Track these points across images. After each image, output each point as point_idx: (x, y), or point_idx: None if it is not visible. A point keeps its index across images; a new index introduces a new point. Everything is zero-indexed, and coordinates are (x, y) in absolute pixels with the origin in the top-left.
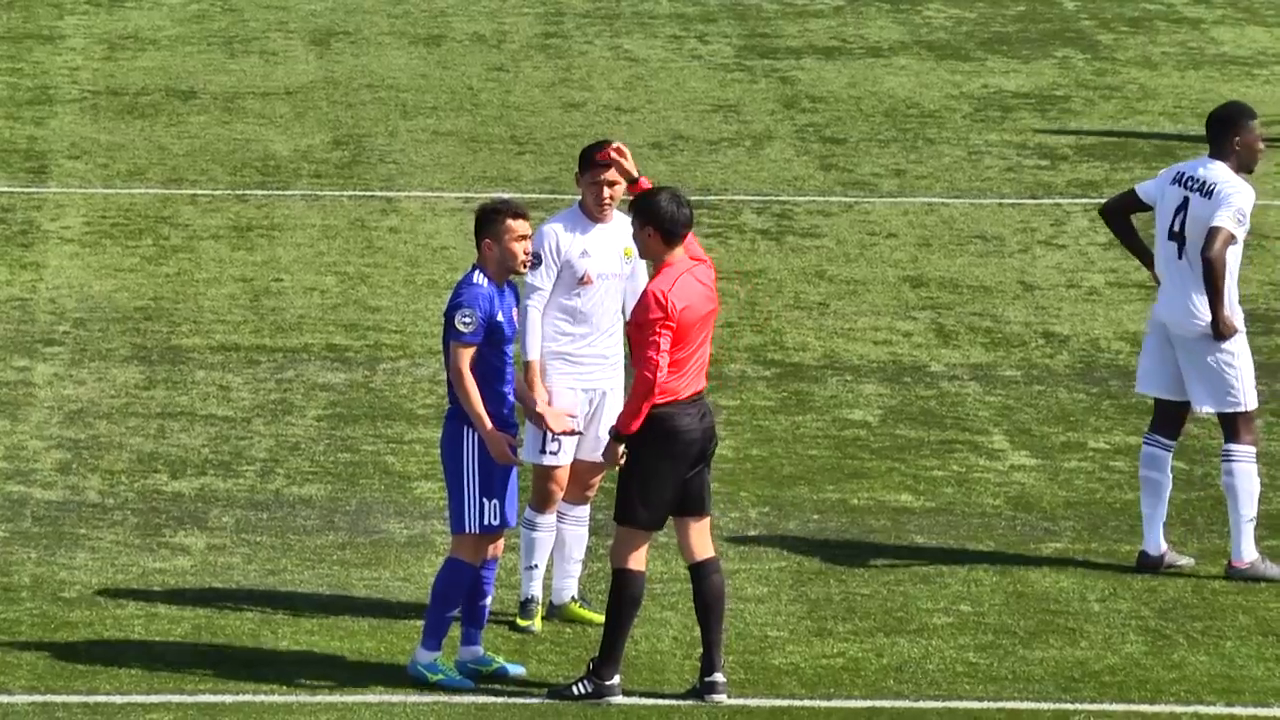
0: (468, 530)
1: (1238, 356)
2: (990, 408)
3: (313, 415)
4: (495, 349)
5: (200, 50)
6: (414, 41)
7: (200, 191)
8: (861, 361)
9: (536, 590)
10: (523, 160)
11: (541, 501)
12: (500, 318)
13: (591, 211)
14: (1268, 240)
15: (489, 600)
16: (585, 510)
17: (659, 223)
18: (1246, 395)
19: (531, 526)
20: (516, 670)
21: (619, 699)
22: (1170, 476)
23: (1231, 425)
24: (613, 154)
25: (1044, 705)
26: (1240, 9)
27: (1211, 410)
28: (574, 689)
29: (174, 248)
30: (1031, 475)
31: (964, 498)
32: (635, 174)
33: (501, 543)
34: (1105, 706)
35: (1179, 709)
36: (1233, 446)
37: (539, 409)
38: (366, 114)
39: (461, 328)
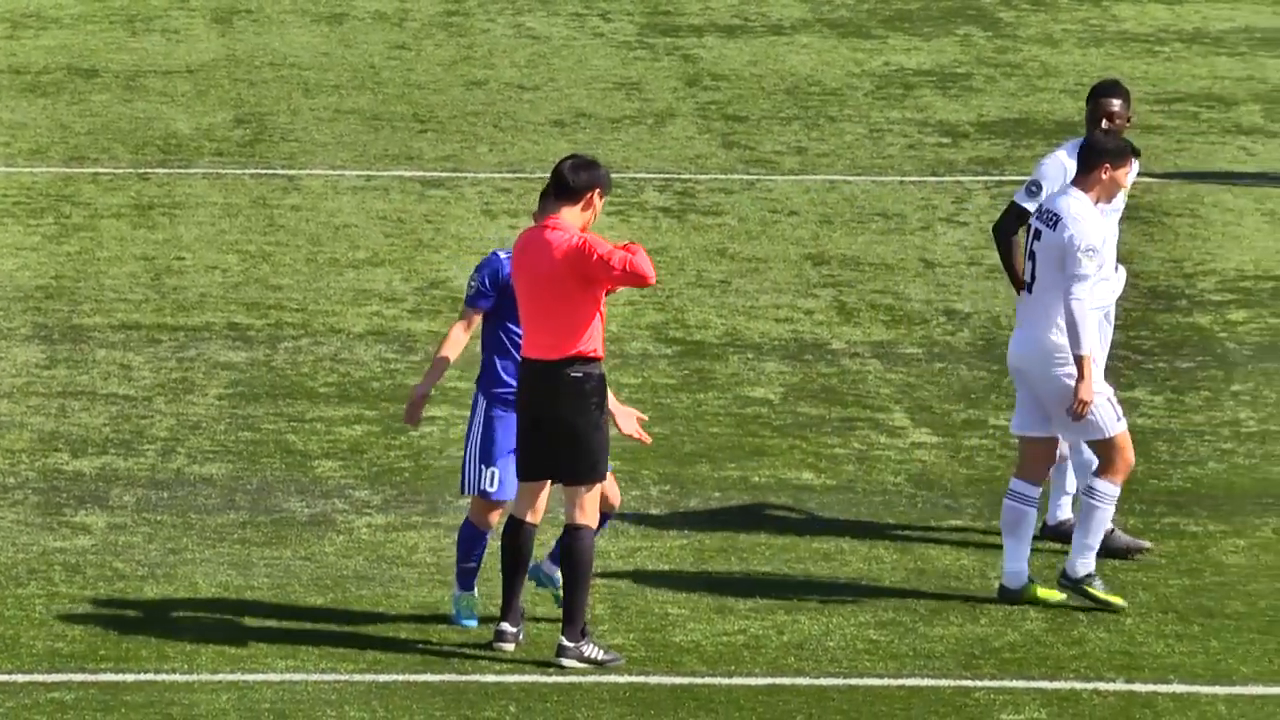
0: (465, 492)
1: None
2: (891, 385)
3: (214, 394)
4: (515, 319)
5: (102, 28)
6: (316, 20)
7: (102, 170)
8: (763, 339)
9: None
10: (425, 138)
11: None
12: None
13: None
14: (1168, 217)
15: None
16: (1037, 490)
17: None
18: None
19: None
20: (470, 623)
21: (507, 646)
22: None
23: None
24: None
25: (945, 682)
26: None
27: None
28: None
29: (75, 226)
30: (932, 453)
31: (865, 475)
32: None
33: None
34: (1006, 683)
35: (1079, 685)
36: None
37: None
38: (268, 92)
39: (466, 290)
